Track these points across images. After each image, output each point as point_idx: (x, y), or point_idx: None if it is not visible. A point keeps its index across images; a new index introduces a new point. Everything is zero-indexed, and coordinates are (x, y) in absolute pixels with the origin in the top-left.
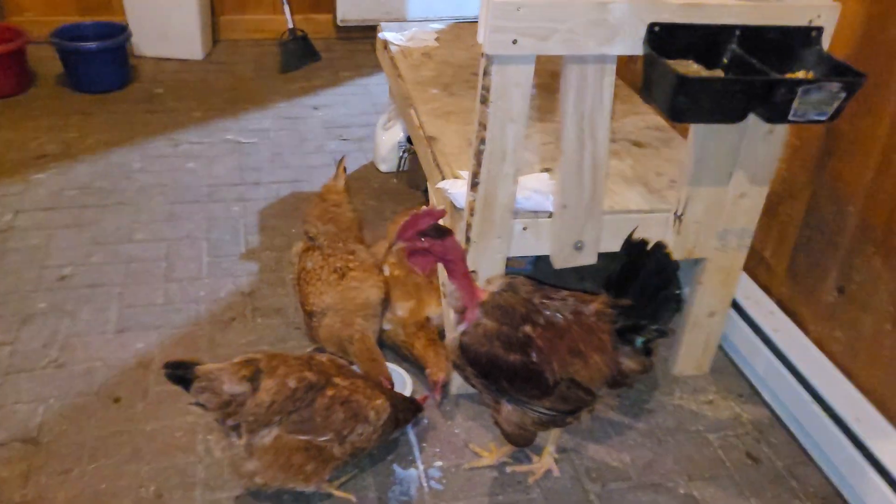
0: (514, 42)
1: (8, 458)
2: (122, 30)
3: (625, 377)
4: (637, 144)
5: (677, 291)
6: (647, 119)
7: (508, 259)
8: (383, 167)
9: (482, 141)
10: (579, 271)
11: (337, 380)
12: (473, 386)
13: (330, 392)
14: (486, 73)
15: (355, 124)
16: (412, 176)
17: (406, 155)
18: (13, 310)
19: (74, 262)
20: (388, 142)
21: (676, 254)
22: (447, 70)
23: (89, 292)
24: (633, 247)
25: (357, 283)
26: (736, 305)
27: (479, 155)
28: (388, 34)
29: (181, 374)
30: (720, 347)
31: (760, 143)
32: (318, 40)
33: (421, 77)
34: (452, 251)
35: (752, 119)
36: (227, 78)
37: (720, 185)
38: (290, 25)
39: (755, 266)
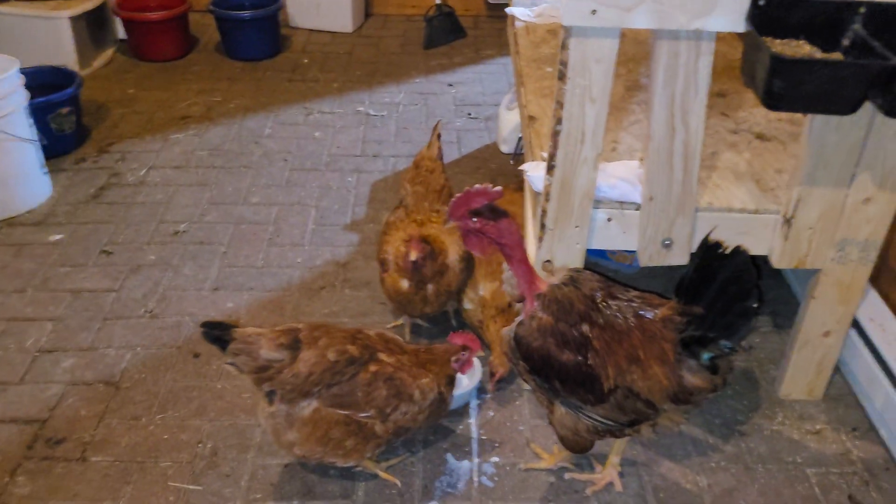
0: (594, 12)
1: (91, 398)
2: (273, 0)
3: (689, 394)
4: (761, 137)
5: (756, 305)
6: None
7: (612, 253)
8: (504, 148)
9: (559, 121)
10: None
11: (382, 356)
12: (527, 382)
13: (373, 368)
14: (564, 47)
15: (486, 103)
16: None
17: None
18: (125, 259)
19: (190, 220)
20: (510, 123)
21: (785, 262)
22: None
23: (196, 249)
24: (710, 249)
25: (434, 236)
26: (858, 326)
27: (555, 136)
28: (515, 9)
29: (217, 334)
30: (839, 372)
31: (892, 140)
32: (468, 17)
33: (539, 54)
34: (507, 234)
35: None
36: (372, 52)
37: (839, 188)
38: (438, 1)
39: (889, 283)
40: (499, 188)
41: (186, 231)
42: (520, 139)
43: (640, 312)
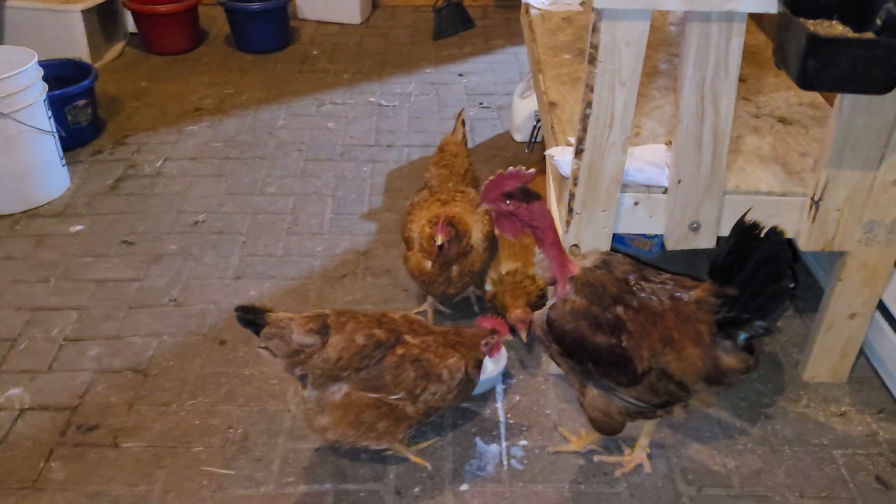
0: None
1: (119, 386)
2: None
3: (723, 375)
4: (783, 121)
5: (791, 286)
6: (802, 95)
7: (631, 239)
8: (518, 137)
9: (588, 104)
10: (713, 254)
11: (408, 337)
12: (559, 365)
13: (400, 350)
14: (594, 30)
15: (498, 92)
16: (545, 147)
17: (539, 125)
18: (147, 249)
19: (208, 210)
20: (524, 111)
21: (812, 244)
22: (586, 35)
23: (216, 239)
24: (745, 231)
25: (459, 214)
26: (883, 308)
27: (584, 120)
28: None
29: (251, 318)
30: (863, 355)
31: None
32: (476, 8)
33: (556, 42)
34: (540, 217)
35: None
36: (381, 43)
37: (868, 169)
38: None
39: None
40: (532, 170)
41: (205, 221)
42: (534, 128)
43: (675, 295)
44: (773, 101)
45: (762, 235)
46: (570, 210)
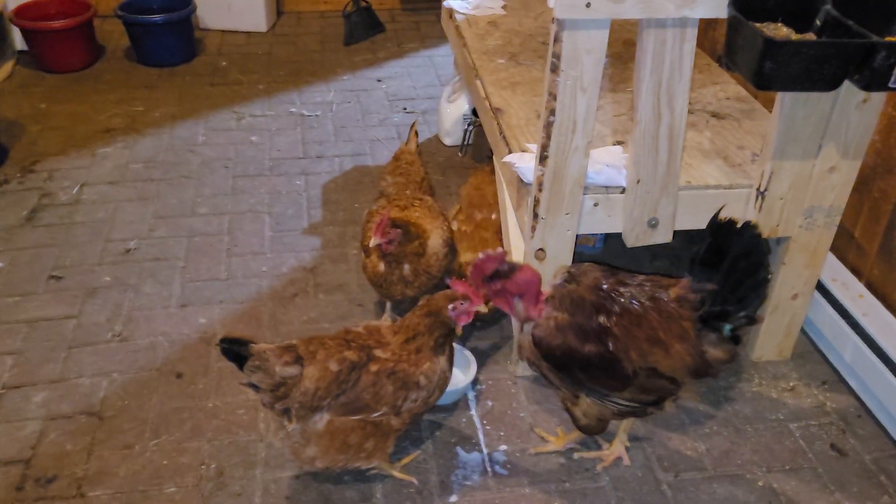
0: (588, 5)
1: (73, 431)
2: (186, 3)
3: (710, 366)
4: (716, 116)
5: (768, 276)
6: (728, 89)
7: (577, 237)
8: (448, 140)
9: (552, 112)
10: (652, 249)
11: (378, 352)
12: (550, 381)
13: (374, 367)
14: (556, 40)
15: (420, 97)
16: (477, 149)
17: (471, 128)
18: (79, 283)
19: (138, 236)
20: (452, 115)
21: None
22: (514, 39)
23: (153, 266)
24: (721, 227)
25: (419, 220)
26: (822, 288)
27: (548, 127)
28: (453, 2)
29: (237, 350)
30: (803, 332)
31: (854, 112)
32: (383, 11)
33: (487, 47)
34: (527, 285)
35: (846, 87)
36: (291, 50)
37: (808, 159)
38: None
39: (844, 246)
40: (500, 249)
41: (137, 248)
42: (465, 131)
43: (655, 295)
44: (703, 97)
45: (738, 230)
46: (536, 215)
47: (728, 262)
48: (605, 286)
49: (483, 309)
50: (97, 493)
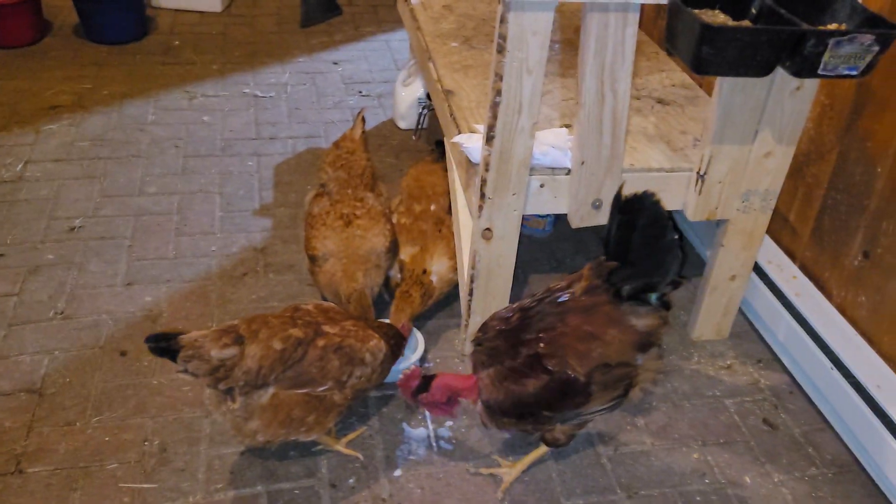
0: None
1: (12, 409)
2: None
3: (650, 336)
4: (661, 102)
5: (676, 237)
6: (673, 76)
7: (526, 219)
8: (402, 124)
9: (498, 92)
10: (598, 231)
11: (326, 328)
12: (528, 431)
13: (321, 342)
14: (503, 21)
15: (376, 80)
16: (431, 133)
17: (426, 112)
18: (20, 261)
19: (84, 214)
20: (407, 98)
21: (699, 215)
22: (468, 23)
23: (98, 244)
24: (626, 203)
25: (362, 232)
26: (758, 269)
27: (494, 107)
28: None
29: (165, 345)
30: (741, 312)
31: (788, 99)
32: None
33: (441, 30)
34: (445, 389)
35: (781, 74)
36: (247, 31)
37: (745, 144)
38: None
39: (779, 229)
40: (413, 366)
41: (83, 227)
42: (420, 115)
43: (560, 300)
44: (649, 84)
45: (639, 203)
46: (483, 195)
47: (638, 235)
48: (510, 321)
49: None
50: (36, 469)
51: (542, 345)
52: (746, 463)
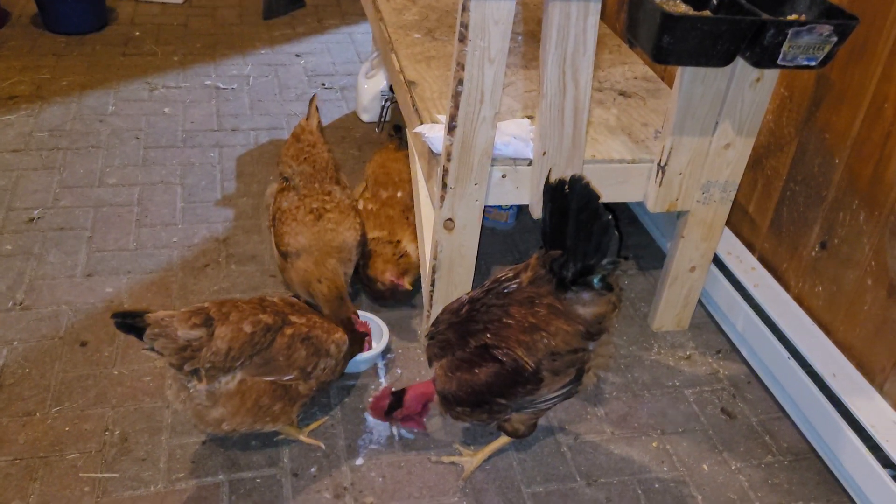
0: None
1: None
2: None
3: (598, 323)
4: (623, 94)
5: (609, 217)
6: (636, 69)
7: (489, 211)
8: (365, 117)
9: (460, 82)
10: None
11: (293, 318)
12: (484, 421)
13: (289, 331)
14: (464, 9)
15: (339, 73)
16: (394, 126)
17: (388, 104)
18: None
19: (43, 205)
20: (370, 91)
21: (659, 206)
22: (431, 14)
23: (58, 235)
24: (555, 189)
25: (333, 226)
26: (717, 261)
27: (456, 97)
28: None
29: (131, 322)
30: (700, 304)
31: (748, 90)
32: None
33: (403, 21)
34: (418, 401)
35: (741, 66)
36: (209, 23)
37: (705, 136)
38: None
39: (739, 221)
40: (383, 387)
41: (42, 217)
42: (383, 107)
43: (505, 291)
44: (611, 76)
45: (568, 188)
46: (444, 185)
47: (572, 219)
48: (461, 314)
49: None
50: None
51: (488, 335)
52: (704, 451)
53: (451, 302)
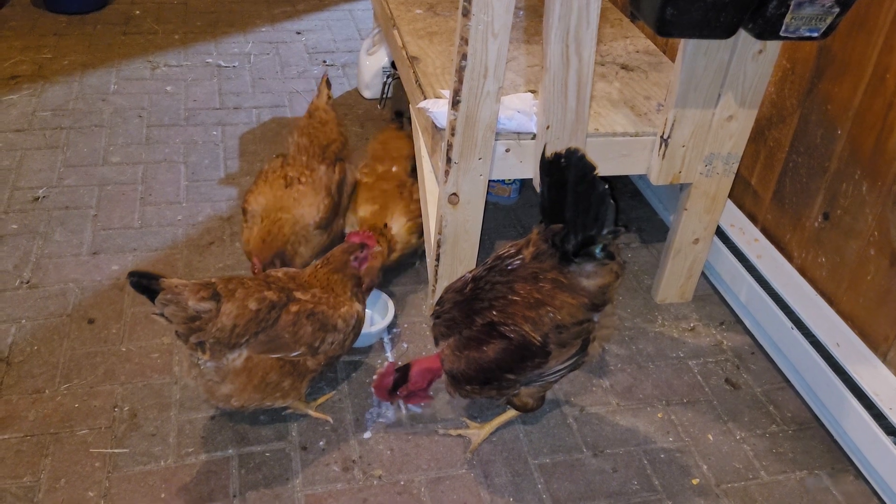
0: None
1: None
2: None
3: (603, 295)
4: (625, 68)
5: (606, 187)
6: (637, 43)
7: (492, 186)
8: (367, 94)
9: (464, 56)
10: None
11: (298, 294)
12: (493, 398)
13: (294, 308)
14: None
15: (340, 50)
16: (396, 102)
17: (391, 81)
18: None
19: (48, 184)
20: (371, 67)
21: (662, 178)
22: None
23: (63, 214)
24: (551, 164)
25: (298, 195)
26: (720, 233)
27: (460, 71)
28: None
29: (146, 283)
30: (704, 276)
31: (750, 62)
32: None
33: None
34: (424, 376)
35: (744, 37)
36: (209, 1)
37: (708, 108)
38: None
39: (741, 193)
40: (387, 363)
41: (47, 196)
42: (384, 84)
43: (508, 267)
44: (613, 50)
45: (564, 161)
46: (449, 160)
47: (570, 192)
48: (465, 292)
49: (378, 247)
50: (6, 436)
51: (494, 312)
52: (709, 421)
53: (455, 281)
